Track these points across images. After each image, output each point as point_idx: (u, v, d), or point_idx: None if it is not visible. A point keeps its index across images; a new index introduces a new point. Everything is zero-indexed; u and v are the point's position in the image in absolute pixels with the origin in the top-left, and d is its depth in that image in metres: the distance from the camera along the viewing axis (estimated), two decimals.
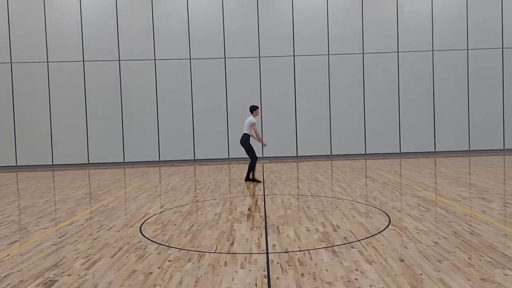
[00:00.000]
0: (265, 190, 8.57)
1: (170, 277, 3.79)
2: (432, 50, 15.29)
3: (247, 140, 9.54)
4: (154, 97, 15.24)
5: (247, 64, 15.23)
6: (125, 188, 9.52)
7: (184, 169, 13.09)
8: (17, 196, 8.84)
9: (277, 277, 3.70)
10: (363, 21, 15.27)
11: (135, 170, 13.26)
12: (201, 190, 8.84)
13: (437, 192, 7.72)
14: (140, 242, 4.97)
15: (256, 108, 9.67)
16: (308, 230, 5.27)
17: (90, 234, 5.44)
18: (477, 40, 15.23)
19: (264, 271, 3.85)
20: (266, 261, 4.13)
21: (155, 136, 15.30)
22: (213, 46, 15.20)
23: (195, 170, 12.74)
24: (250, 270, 3.89)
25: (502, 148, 15.40)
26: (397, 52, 15.31)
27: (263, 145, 9.96)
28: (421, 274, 3.67)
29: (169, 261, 4.23)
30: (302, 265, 3.98)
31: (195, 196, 8.14)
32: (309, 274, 3.74)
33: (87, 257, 4.44)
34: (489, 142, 15.41)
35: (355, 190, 8.23)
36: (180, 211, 6.70)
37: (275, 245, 4.66)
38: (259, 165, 13.43)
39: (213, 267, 4.01)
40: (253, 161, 9.64)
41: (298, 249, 4.49)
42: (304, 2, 15.25)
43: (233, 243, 4.79)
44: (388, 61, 15.33)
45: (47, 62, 15.07)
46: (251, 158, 9.63)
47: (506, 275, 3.60)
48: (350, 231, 5.16)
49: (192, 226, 5.67)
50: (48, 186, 10.21)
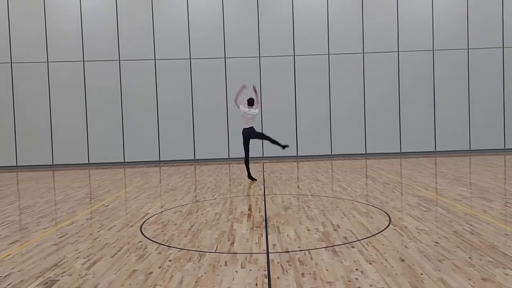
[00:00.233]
0: (266, 190, 8.57)
1: (171, 277, 3.79)
2: (433, 50, 15.28)
3: (255, 130, 9.70)
4: (154, 97, 15.24)
5: (247, 64, 15.22)
6: (126, 188, 9.52)
7: (184, 169, 13.09)
8: (18, 196, 8.84)
9: (278, 277, 3.70)
10: (364, 21, 15.26)
11: (136, 170, 13.27)
12: (201, 190, 8.84)
13: (438, 192, 7.71)
14: (141, 242, 4.97)
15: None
16: (309, 230, 5.27)
17: (91, 234, 5.44)
18: (478, 40, 15.22)
19: (265, 271, 3.85)
20: (267, 261, 4.13)
21: (155, 136, 15.30)
22: (213, 46, 15.19)
23: (195, 170, 12.75)
24: (251, 270, 3.89)
25: (503, 148, 15.38)
26: (398, 52, 15.30)
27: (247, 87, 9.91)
28: (422, 274, 3.67)
29: (170, 261, 4.23)
30: (303, 265, 3.98)
31: (195, 196, 8.14)
32: (310, 274, 3.74)
33: (88, 257, 4.45)
34: (490, 142, 15.40)
35: (356, 190, 8.23)
36: (181, 211, 6.71)
37: (276, 245, 4.66)
38: (260, 165, 13.43)
39: (214, 267, 4.01)
40: (268, 138, 9.76)
41: (299, 249, 4.49)
42: (304, 2, 15.24)
43: (234, 243, 4.80)
44: (389, 61, 15.32)
45: (47, 62, 15.07)
46: (266, 138, 9.76)
47: (507, 275, 3.59)
48: (351, 231, 5.15)
49: (193, 226, 5.67)
50: (49, 186, 10.22)
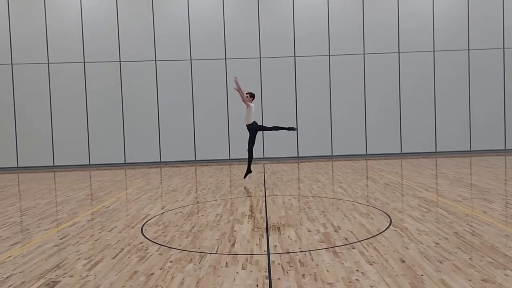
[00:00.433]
0: (266, 191, 8.58)
1: (172, 278, 3.79)
2: (433, 51, 15.29)
3: (257, 124, 9.67)
4: (155, 98, 15.26)
5: (248, 65, 15.24)
6: (126, 189, 9.53)
7: (185, 170, 13.10)
8: (19, 198, 8.85)
9: (278, 278, 3.70)
10: (364, 22, 15.28)
11: (136, 171, 13.28)
12: (202, 191, 8.84)
13: (438, 193, 7.71)
14: (142, 243, 4.98)
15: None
16: (309, 231, 5.27)
17: (92, 235, 5.45)
18: (478, 40, 15.23)
19: (265, 272, 3.86)
20: (267, 262, 4.13)
21: (156, 137, 15.31)
22: (214, 47, 15.21)
23: (196, 171, 12.75)
24: (251, 271, 3.90)
25: (504, 149, 15.38)
26: (398, 53, 15.31)
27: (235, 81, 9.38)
28: (422, 275, 3.67)
29: (171, 262, 4.24)
30: (303, 266, 3.99)
31: (196, 197, 8.15)
32: (310, 275, 3.75)
33: (89, 258, 4.45)
34: (491, 143, 15.40)
35: (356, 191, 8.23)
36: (181, 212, 6.71)
37: (276, 246, 4.67)
38: (260, 166, 13.44)
39: (214, 268, 4.01)
40: (271, 128, 9.73)
41: (299, 250, 4.49)
42: (305, 3, 15.26)
43: (234, 244, 4.80)
44: (389, 62, 15.33)
45: (48, 63, 15.09)
46: (269, 129, 9.73)
47: (507, 276, 3.60)
48: (351, 232, 5.16)
49: (193, 227, 5.68)
50: (50, 188, 10.23)
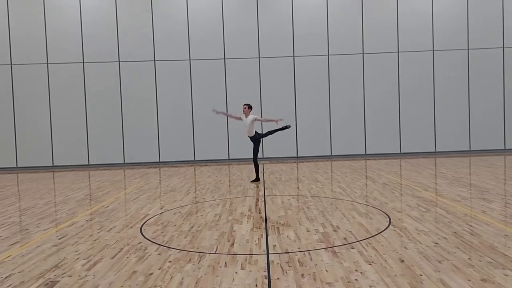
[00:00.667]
0: (265, 191, 8.57)
1: (171, 278, 3.79)
2: (433, 50, 15.30)
3: (258, 134, 9.76)
4: (154, 98, 15.25)
5: (247, 65, 15.24)
6: (125, 189, 9.53)
7: (184, 170, 13.10)
8: (18, 198, 8.85)
9: (277, 278, 3.70)
10: (363, 21, 15.28)
11: (135, 171, 13.27)
12: (201, 191, 8.84)
13: (437, 193, 7.72)
14: (140, 243, 4.97)
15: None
16: (308, 231, 5.27)
17: (91, 235, 5.44)
18: (478, 40, 15.23)
19: (264, 272, 3.86)
20: (267, 262, 4.13)
21: (155, 137, 15.31)
22: (213, 47, 15.21)
23: (195, 171, 12.75)
24: (250, 271, 3.90)
25: (503, 148, 15.39)
26: (397, 52, 15.31)
27: (277, 122, 9.76)
28: (421, 275, 3.67)
29: (169, 262, 4.23)
30: (302, 266, 3.98)
31: (195, 197, 8.15)
32: (309, 275, 3.75)
33: (88, 258, 4.45)
34: (490, 142, 15.40)
35: (355, 191, 8.23)
36: (180, 212, 6.71)
37: (275, 246, 4.67)
38: (260, 166, 13.42)
39: (213, 268, 4.01)
40: (267, 134, 9.88)
41: (298, 250, 4.49)
42: (304, 3, 15.26)
43: (233, 244, 4.80)
44: (388, 61, 15.33)
45: (47, 64, 15.08)
46: (266, 135, 9.88)
47: (507, 276, 3.60)
48: (350, 232, 5.16)
49: (192, 227, 5.68)
50: (49, 188, 10.22)
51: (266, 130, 10.15)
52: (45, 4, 15.01)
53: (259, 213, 6.47)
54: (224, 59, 15.24)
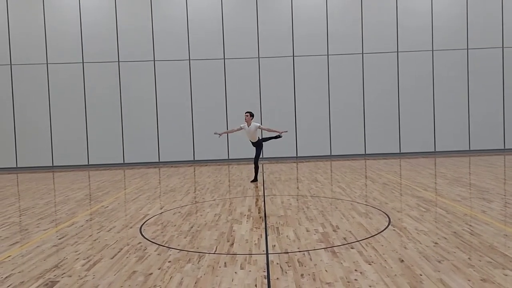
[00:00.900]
0: (265, 191, 8.57)
1: (170, 278, 3.79)
2: (432, 50, 15.29)
3: (260, 139, 10.01)
4: (154, 98, 15.25)
5: (247, 65, 15.23)
6: (125, 189, 9.53)
7: (184, 170, 13.09)
8: (18, 198, 8.85)
9: (277, 278, 3.70)
10: (363, 21, 15.27)
11: (135, 171, 13.27)
12: (201, 191, 8.84)
13: (437, 193, 7.72)
14: (140, 243, 4.97)
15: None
16: (308, 231, 5.27)
17: (90, 235, 5.44)
18: (477, 40, 15.23)
19: (264, 272, 3.86)
20: (266, 262, 4.13)
21: (155, 137, 15.31)
22: (213, 47, 15.20)
23: (195, 171, 12.75)
24: (250, 271, 3.90)
25: (503, 148, 15.39)
26: (397, 52, 15.31)
27: (282, 133, 10.01)
28: (421, 275, 3.67)
29: (169, 262, 4.23)
30: (302, 266, 3.98)
31: (195, 197, 8.15)
32: (309, 275, 3.75)
33: (88, 258, 4.45)
34: (490, 142, 15.40)
35: (355, 191, 8.23)
36: (180, 212, 6.71)
37: (275, 246, 4.67)
38: (259, 166, 13.41)
39: (213, 268, 4.01)
40: (264, 139, 10.18)
41: (298, 250, 4.49)
42: (304, 3, 15.25)
43: (233, 244, 4.80)
44: (388, 61, 15.33)
45: (47, 64, 15.08)
46: (267, 139, 10.20)
47: (506, 275, 3.60)
48: (350, 232, 5.16)
49: (192, 227, 5.68)
50: (48, 188, 10.22)
51: (261, 137, 10.31)
52: (45, 4, 15.01)
53: (259, 213, 6.47)
54: (224, 59, 15.24)
